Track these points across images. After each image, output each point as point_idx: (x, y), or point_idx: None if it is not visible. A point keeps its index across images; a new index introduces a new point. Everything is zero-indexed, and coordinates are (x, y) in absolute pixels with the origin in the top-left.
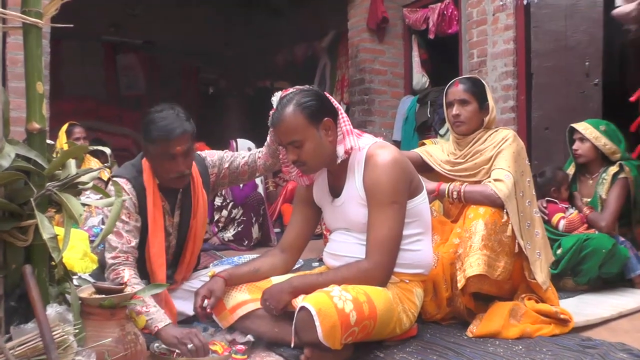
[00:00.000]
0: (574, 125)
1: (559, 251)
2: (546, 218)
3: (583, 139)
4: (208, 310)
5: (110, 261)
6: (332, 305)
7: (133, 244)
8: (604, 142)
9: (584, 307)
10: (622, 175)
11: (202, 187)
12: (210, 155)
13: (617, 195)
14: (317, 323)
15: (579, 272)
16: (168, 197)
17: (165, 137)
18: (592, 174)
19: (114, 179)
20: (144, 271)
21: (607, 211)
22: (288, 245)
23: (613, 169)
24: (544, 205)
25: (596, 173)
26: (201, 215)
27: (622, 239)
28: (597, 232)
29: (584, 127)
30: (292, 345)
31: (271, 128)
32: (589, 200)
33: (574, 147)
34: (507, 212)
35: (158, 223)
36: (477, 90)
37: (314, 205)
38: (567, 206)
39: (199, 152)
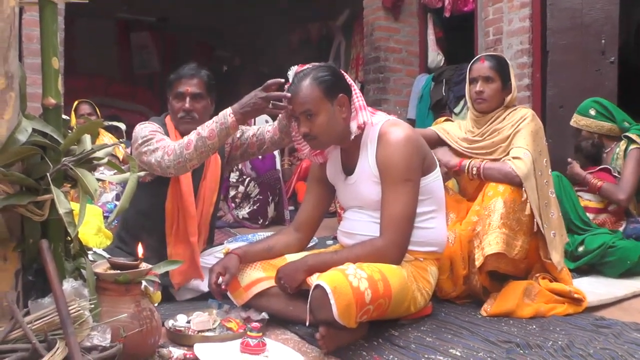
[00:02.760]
0: (570, 123)
1: (580, 249)
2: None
3: (578, 129)
4: (223, 287)
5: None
6: (347, 284)
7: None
8: (596, 126)
9: (597, 287)
10: (633, 147)
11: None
12: None
13: (632, 168)
14: (332, 301)
15: (599, 273)
16: None
17: (178, 76)
18: (607, 148)
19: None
20: (162, 226)
21: (625, 183)
22: (302, 224)
23: (622, 144)
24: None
25: (609, 147)
26: (211, 178)
27: None
28: (624, 228)
29: (574, 120)
30: (307, 324)
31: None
32: None
33: (578, 138)
34: (525, 191)
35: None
36: (502, 68)
37: (328, 183)
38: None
39: None
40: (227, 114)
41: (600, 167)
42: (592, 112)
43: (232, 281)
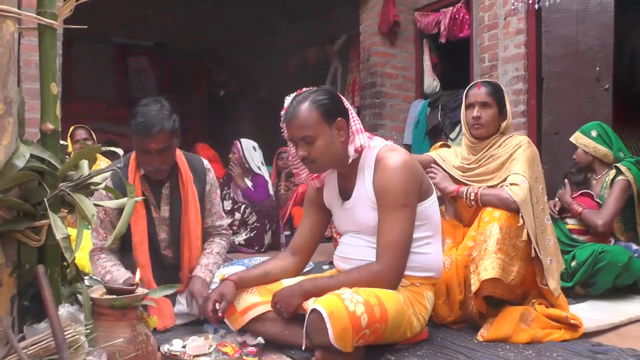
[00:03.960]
0: (570, 139)
1: (573, 263)
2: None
3: (575, 146)
4: (220, 314)
5: (91, 256)
6: (343, 308)
7: (109, 238)
8: (593, 147)
9: (594, 313)
10: (620, 177)
11: (193, 184)
12: (213, 176)
13: (615, 197)
14: (328, 325)
15: (594, 284)
16: (153, 190)
17: (142, 133)
18: (597, 175)
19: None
20: (132, 260)
21: (605, 210)
22: (298, 248)
23: (611, 174)
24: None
25: (600, 174)
26: (193, 212)
27: (635, 246)
28: (612, 244)
29: (574, 137)
30: (303, 348)
31: (284, 124)
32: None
33: (573, 156)
34: (522, 217)
35: (139, 212)
36: (498, 94)
37: (324, 207)
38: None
39: (200, 157)
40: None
41: (582, 191)
42: (594, 134)
43: (228, 306)
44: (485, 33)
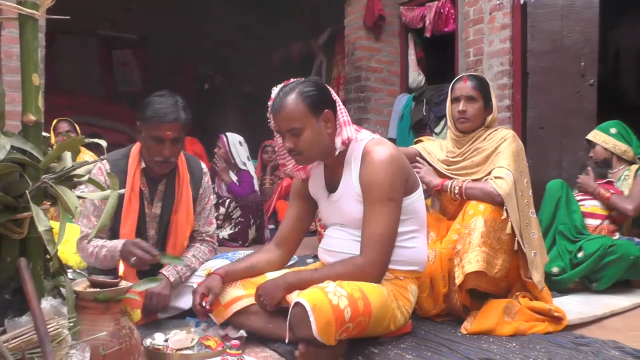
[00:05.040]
0: (587, 137)
1: (580, 254)
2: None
3: (593, 144)
4: (207, 307)
5: (80, 242)
6: (327, 301)
7: (93, 229)
8: (613, 144)
9: (577, 306)
10: None
11: (188, 184)
12: (208, 181)
13: None
14: (311, 319)
15: (600, 278)
16: (150, 185)
17: (158, 119)
18: (613, 170)
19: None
20: None
21: (635, 195)
22: (284, 239)
23: (634, 167)
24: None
25: (616, 169)
26: (184, 211)
27: (637, 239)
28: (619, 238)
29: (592, 135)
30: (287, 341)
31: (271, 115)
32: None
33: (590, 154)
34: (506, 210)
35: (133, 205)
36: (484, 88)
37: (310, 199)
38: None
39: (198, 160)
40: (117, 249)
41: (606, 180)
42: (613, 131)
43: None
44: (470, 27)
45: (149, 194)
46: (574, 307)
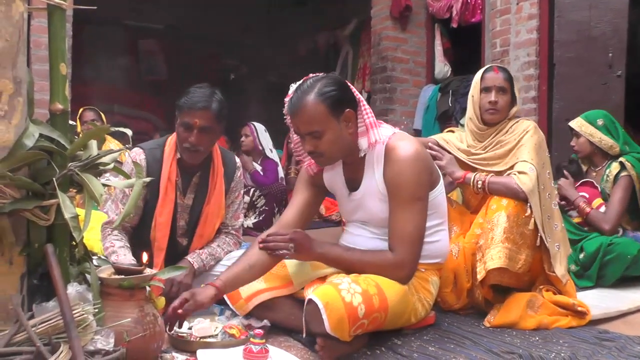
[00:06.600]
0: (570, 123)
1: (581, 255)
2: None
3: (578, 134)
4: (179, 312)
5: (104, 228)
6: (339, 299)
7: (118, 217)
8: (599, 138)
9: (601, 300)
10: (624, 174)
11: (222, 177)
12: (241, 175)
13: (620, 197)
14: (324, 317)
15: (603, 276)
16: (183, 176)
17: (188, 106)
18: (597, 167)
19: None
20: (147, 239)
21: (611, 213)
22: (286, 226)
23: (615, 167)
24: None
25: (600, 166)
26: (215, 203)
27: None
28: (620, 235)
29: (578, 124)
30: (304, 335)
31: (288, 115)
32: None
33: (571, 143)
34: (530, 206)
35: (169, 195)
36: (512, 80)
37: (319, 189)
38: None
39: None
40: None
41: (583, 180)
42: (600, 122)
43: (232, 293)
44: (497, 18)
45: (181, 185)
46: (598, 301)
